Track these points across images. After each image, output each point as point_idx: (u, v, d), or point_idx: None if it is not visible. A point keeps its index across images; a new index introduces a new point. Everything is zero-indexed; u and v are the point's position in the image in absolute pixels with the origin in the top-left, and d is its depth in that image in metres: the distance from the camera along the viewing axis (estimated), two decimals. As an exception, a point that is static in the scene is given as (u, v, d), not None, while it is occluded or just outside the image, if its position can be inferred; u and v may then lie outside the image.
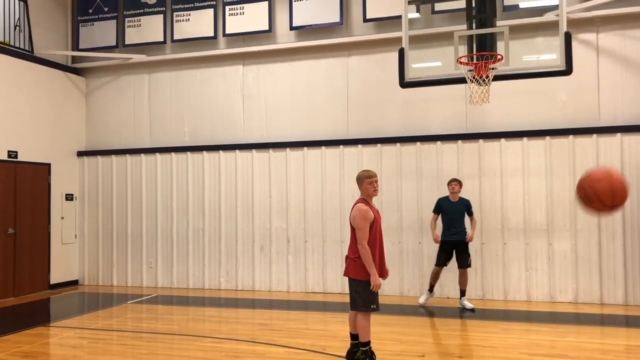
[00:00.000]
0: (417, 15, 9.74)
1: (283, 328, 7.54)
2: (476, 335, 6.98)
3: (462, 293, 8.69)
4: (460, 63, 7.22)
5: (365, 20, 10.10)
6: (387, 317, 7.90)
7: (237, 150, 10.81)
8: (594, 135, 9.04)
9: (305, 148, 10.40)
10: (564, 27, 7.08)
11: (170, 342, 6.82)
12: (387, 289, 9.78)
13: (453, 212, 8.61)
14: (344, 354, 5.81)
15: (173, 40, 11.25)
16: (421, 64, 9.05)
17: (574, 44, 9.12)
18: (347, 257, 5.62)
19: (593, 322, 7.74)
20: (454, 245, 8.59)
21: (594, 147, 9.03)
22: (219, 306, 9.27)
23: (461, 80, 7.44)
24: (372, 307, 5.39)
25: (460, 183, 8.73)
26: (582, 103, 9.17)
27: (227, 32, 10.87)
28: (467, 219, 8.75)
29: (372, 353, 5.54)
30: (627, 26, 9.02)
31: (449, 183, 8.75)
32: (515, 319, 7.88)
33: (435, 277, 8.75)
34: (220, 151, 10.89)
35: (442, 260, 8.66)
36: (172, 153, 11.20)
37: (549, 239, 9.17)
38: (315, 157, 10.35)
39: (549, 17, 9.06)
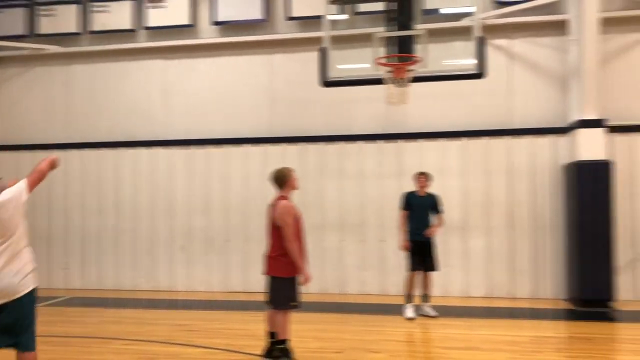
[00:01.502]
0: (342, 16, 9.83)
1: (202, 328, 7.42)
2: (394, 330, 7.14)
3: (425, 298, 8.04)
4: (380, 64, 7.36)
5: (289, 18, 10.10)
6: (307, 314, 7.92)
7: (158, 147, 10.52)
8: (506, 137, 9.47)
9: (228, 145, 10.28)
10: (478, 33, 7.37)
11: (82, 346, 6.55)
12: (309, 287, 9.79)
13: (422, 208, 7.96)
14: (262, 352, 5.77)
15: (91, 32, 10.80)
16: (344, 64, 9.12)
17: (489, 49, 9.52)
18: (266, 255, 5.60)
19: (504, 315, 8.11)
20: (422, 246, 7.87)
21: (506, 148, 9.46)
22: (138, 307, 8.99)
23: (381, 81, 7.58)
24: (292, 304, 5.41)
25: (427, 176, 8.13)
26: (496, 106, 9.58)
27: (147, 25, 10.56)
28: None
29: (289, 351, 5.55)
30: (538, 34, 9.50)
31: (416, 177, 8.17)
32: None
33: (410, 285, 7.89)
34: (141, 148, 10.57)
35: (415, 264, 7.85)
36: (89, 149, 10.76)
37: (464, 236, 9.52)
38: (239, 155, 10.25)
39: (465, 22, 9.39)
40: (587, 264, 8.33)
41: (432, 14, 9.60)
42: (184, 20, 10.42)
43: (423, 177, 8.10)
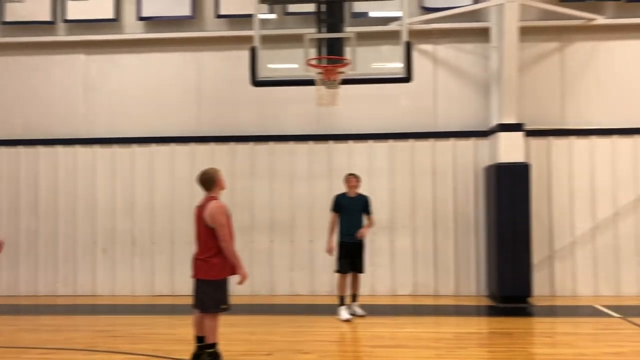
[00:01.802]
0: (272, 15, 9.77)
1: (126, 334, 7.15)
2: (323, 330, 7.17)
3: (354, 298, 8.06)
4: (310, 65, 7.38)
5: (218, 16, 9.94)
6: (236, 317, 7.81)
7: (77, 146, 10.06)
8: (431, 140, 9.74)
9: (153, 144, 9.98)
10: (405, 37, 7.54)
11: (-7, 357, 6.14)
12: (237, 289, 9.67)
13: (350, 210, 7.90)
14: (190, 357, 5.63)
15: (4, 22, 10.17)
16: (275, 64, 9.07)
17: (414, 53, 9.73)
18: (195, 258, 5.47)
19: (429, 313, 8.35)
20: (353, 248, 7.83)
21: (431, 150, 9.74)
22: (55, 314, 8.55)
23: (311, 82, 7.61)
24: (222, 307, 5.31)
25: (357, 177, 8.11)
26: (421, 109, 9.84)
27: (67, 17, 10.07)
28: None
29: (219, 355, 5.45)
30: (461, 40, 9.84)
31: (346, 178, 8.13)
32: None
33: (342, 288, 7.82)
34: (59, 146, 10.06)
35: (346, 267, 7.82)
36: (2, 147, 10.12)
37: (391, 236, 9.71)
38: (165, 155, 9.97)
39: (393, 26, 9.58)
40: (506, 262, 8.71)
41: (361, 17, 9.73)
42: (107, 14, 10.02)
43: (353, 178, 8.07)
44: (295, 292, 9.72)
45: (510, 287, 8.71)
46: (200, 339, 5.56)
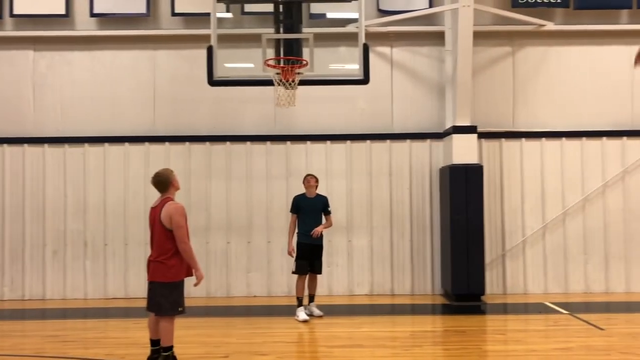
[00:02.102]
0: (228, 14, 9.67)
1: (77, 338, 6.95)
2: (281, 331, 7.15)
3: (311, 298, 8.03)
4: (268, 66, 7.35)
5: (173, 14, 9.79)
6: (192, 319, 7.72)
7: (25, 145, 9.71)
8: (388, 141, 9.86)
9: (106, 144, 9.74)
10: (362, 39, 7.60)
11: None
12: (193, 291, 9.55)
13: (309, 210, 7.87)
14: (145, 361, 5.53)
15: (-54, 15, 9.74)
16: (233, 63, 8.98)
17: (371, 56, 9.74)
18: (150, 260, 5.37)
19: (386, 312, 8.44)
20: (311, 249, 7.79)
21: (388, 151, 9.85)
22: (2, 319, 8.24)
23: (269, 82, 7.58)
24: (179, 310, 5.24)
25: (316, 178, 8.13)
26: (378, 111, 9.94)
27: (14, 12, 9.72)
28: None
29: (175, 358, 5.36)
30: (417, 43, 9.99)
31: (304, 178, 8.12)
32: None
33: (301, 289, 7.79)
34: (5, 145, 9.70)
35: (303, 268, 7.77)
36: (-57, 145, 9.71)
37: (348, 236, 9.77)
38: (118, 154, 9.75)
39: (350, 28, 9.65)
40: (460, 261, 8.89)
41: (319, 19, 9.75)
42: (58, 9, 9.72)
43: (312, 178, 8.05)
44: (252, 293, 9.67)
45: (464, 285, 8.90)
46: (155, 342, 5.46)
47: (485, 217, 9.48)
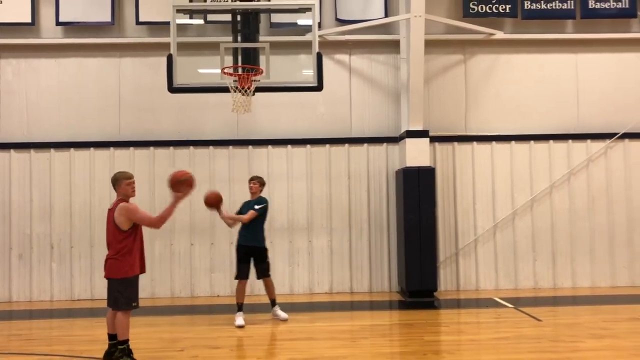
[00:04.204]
0: (199, 21, 9.95)
1: (41, 337, 7.21)
2: (239, 328, 7.45)
3: (273, 303, 7.89)
4: (225, 73, 7.69)
5: (138, 22, 10.08)
6: (155, 317, 8.05)
7: (-8, 150, 9.93)
8: (346, 145, 10.26)
9: (72, 149, 9.98)
10: (316, 48, 7.98)
11: None
12: (158, 291, 9.89)
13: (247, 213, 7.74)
14: (103, 355, 5.82)
15: None
16: (193, 71, 9.32)
17: (331, 63, 10.30)
18: (106, 258, 5.68)
19: (341, 309, 8.82)
20: (249, 252, 7.68)
21: (346, 155, 10.25)
22: (-33, 321, 8.43)
23: (227, 89, 7.92)
24: (133, 305, 5.54)
25: (259, 181, 7.96)
26: (337, 116, 10.34)
27: (-20, 20, 9.94)
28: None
29: (130, 351, 5.66)
30: (374, 51, 10.42)
31: (248, 182, 8.08)
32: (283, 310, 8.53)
33: (239, 294, 7.63)
34: (-29, 150, 9.90)
35: (243, 272, 7.63)
36: None
37: (309, 236, 10.14)
38: (84, 159, 9.99)
39: (309, 37, 10.03)
40: (414, 259, 9.31)
41: (281, 27, 10.11)
42: (24, 18, 9.94)
43: (252, 182, 7.94)
44: (215, 293, 9.97)
45: (417, 282, 9.32)
46: (112, 337, 5.76)
47: (439, 217, 9.95)
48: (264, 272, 7.78)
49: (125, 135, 10.11)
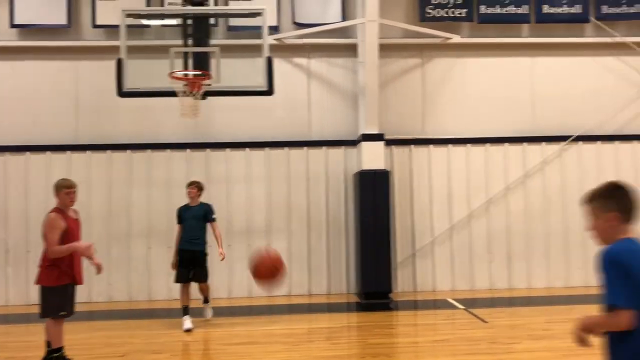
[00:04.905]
0: (156, 22, 9.90)
1: (-13, 343, 7.16)
2: (183, 332, 7.43)
3: (205, 299, 8.02)
4: (173, 78, 7.70)
5: (94, 25, 10.05)
6: (105, 322, 8.04)
7: (-55, 154, 9.84)
8: (305, 148, 10.31)
9: (27, 153, 9.93)
10: (266, 53, 8.02)
11: None
12: (115, 295, 9.87)
13: (190, 219, 7.82)
14: (39, 362, 5.81)
15: None
16: (146, 74, 9.26)
17: (289, 66, 10.36)
18: (38, 265, 5.68)
19: (292, 311, 8.86)
20: (191, 256, 7.71)
21: (305, 158, 10.30)
22: None
23: (176, 93, 7.92)
24: (61, 313, 5.52)
25: (198, 186, 8.03)
26: (296, 119, 10.39)
27: None
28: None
29: (64, 359, 5.66)
30: (332, 55, 10.48)
31: (186, 187, 8.17)
32: (238, 314, 8.58)
33: (183, 298, 7.65)
34: None
35: (182, 277, 7.70)
36: None
37: (267, 239, 10.17)
38: (40, 163, 9.94)
39: (261, 41, 10.03)
40: (369, 261, 9.40)
41: (238, 30, 10.12)
42: (-23, 20, 9.88)
43: (191, 188, 7.95)
44: (173, 296, 9.93)
45: (373, 284, 9.40)
46: (49, 344, 5.74)
47: (397, 219, 10.05)
48: (203, 277, 7.82)
49: (82, 138, 10.08)
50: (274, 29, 10.04)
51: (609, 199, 2.62)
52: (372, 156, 9.61)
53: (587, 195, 2.72)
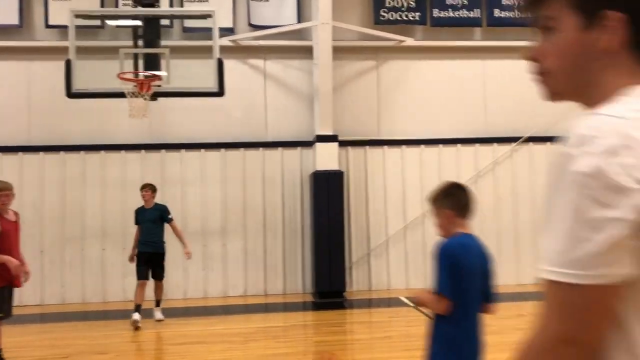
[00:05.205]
0: (115, 22, 9.85)
1: None
2: (131, 332, 7.42)
3: (157, 303, 8.20)
4: (122, 79, 7.70)
5: (47, 26, 9.97)
6: (49, 325, 8.02)
7: None
8: (261, 149, 10.39)
9: (-23, 154, 9.82)
10: (216, 54, 8.08)
11: None
12: (69, 297, 9.81)
13: (146, 221, 8.14)
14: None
15: None
16: (95, 75, 9.21)
17: (245, 67, 10.43)
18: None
19: (243, 311, 8.89)
20: (149, 257, 8.03)
21: (261, 159, 10.37)
22: None
23: (128, 94, 7.93)
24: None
25: (152, 188, 8.33)
26: (253, 120, 10.45)
27: None
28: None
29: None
30: (288, 56, 10.58)
31: (140, 190, 8.50)
32: (193, 315, 8.62)
33: (138, 296, 7.85)
34: None
35: (143, 274, 7.96)
36: None
37: (223, 240, 10.22)
38: (-9, 164, 9.84)
39: (223, 41, 10.09)
40: (323, 260, 9.51)
41: (194, 32, 10.12)
42: None
43: (145, 190, 8.21)
44: (128, 298, 9.89)
45: (327, 283, 9.52)
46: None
47: (352, 219, 10.17)
48: (160, 276, 8.15)
49: (35, 140, 9.98)
50: (229, 31, 10.10)
51: (446, 198, 2.90)
52: (327, 157, 9.73)
53: (430, 195, 3.00)
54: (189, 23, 10.14)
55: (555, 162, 0.98)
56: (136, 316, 7.56)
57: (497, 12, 10.69)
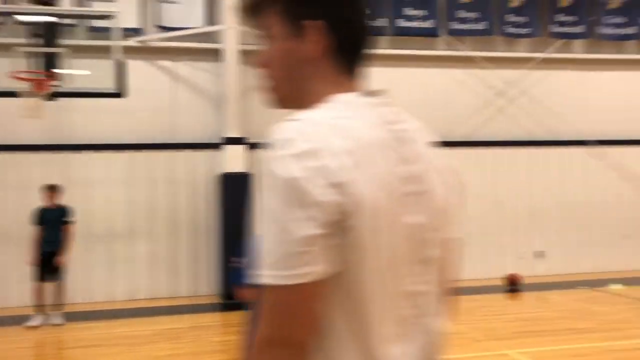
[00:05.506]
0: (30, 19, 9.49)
1: None
2: (37, 337, 7.26)
3: (56, 307, 8.18)
4: (17, 78, 7.50)
5: (-59, 20, 9.53)
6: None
7: None
8: (169, 151, 10.35)
9: None
10: (117, 55, 8.02)
11: None
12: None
13: (45, 221, 8.26)
14: None
15: None
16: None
17: (154, 69, 10.37)
18: None
19: (147, 314, 8.84)
20: (50, 258, 8.12)
21: (168, 161, 10.33)
22: None
23: (23, 94, 7.73)
24: None
25: (53, 189, 8.38)
26: (161, 122, 10.38)
27: None
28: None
29: None
30: (198, 59, 10.59)
31: (43, 190, 8.45)
32: (97, 318, 8.48)
33: (36, 296, 8.03)
34: None
35: (41, 275, 8.08)
36: None
37: (129, 243, 10.10)
38: None
39: (130, 42, 9.99)
40: (227, 262, 9.58)
41: (102, 32, 9.92)
42: None
43: (48, 191, 8.32)
44: (25, 303, 9.54)
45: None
46: None
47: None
48: (59, 276, 8.13)
49: None
50: (137, 31, 10.03)
51: None
52: (234, 159, 9.84)
53: None
54: (96, 22, 9.97)
55: (259, 166, 1.05)
56: (34, 321, 7.54)
57: (401, 22, 11.14)
